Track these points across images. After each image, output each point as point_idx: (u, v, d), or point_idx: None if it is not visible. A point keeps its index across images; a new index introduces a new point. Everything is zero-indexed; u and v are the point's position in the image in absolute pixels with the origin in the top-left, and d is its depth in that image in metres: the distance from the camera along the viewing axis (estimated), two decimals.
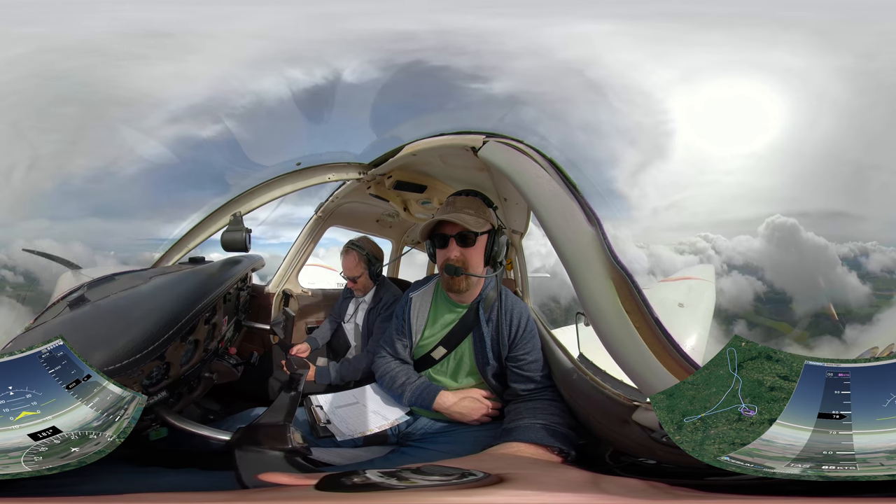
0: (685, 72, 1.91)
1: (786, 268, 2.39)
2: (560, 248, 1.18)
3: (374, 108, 1.96)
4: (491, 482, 0.84)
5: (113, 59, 1.83)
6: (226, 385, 2.05)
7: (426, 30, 1.90)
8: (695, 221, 2.17)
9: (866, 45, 1.86)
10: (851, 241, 2.26)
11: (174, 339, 1.31)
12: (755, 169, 2.03)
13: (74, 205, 1.74)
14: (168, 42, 1.92)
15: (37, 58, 1.77)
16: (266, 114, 1.90)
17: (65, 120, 1.77)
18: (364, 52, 1.90)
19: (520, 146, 1.42)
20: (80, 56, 1.81)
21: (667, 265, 1.95)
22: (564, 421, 1.38)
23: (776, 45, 1.89)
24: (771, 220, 2.30)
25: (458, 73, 1.84)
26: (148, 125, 1.84)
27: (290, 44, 1.93)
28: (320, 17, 1.92)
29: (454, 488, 0.82)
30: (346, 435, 1.48)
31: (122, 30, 1.88)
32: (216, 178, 1.93)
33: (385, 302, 2.43)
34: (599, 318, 1.08)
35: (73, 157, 1.75)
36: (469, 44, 1.87)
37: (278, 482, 0.93)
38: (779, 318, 2.26)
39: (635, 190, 1.89)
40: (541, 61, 1.83)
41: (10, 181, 1.65)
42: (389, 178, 2.35)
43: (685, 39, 1.88)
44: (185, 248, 1.89)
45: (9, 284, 1.55)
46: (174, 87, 1.88)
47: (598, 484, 0.91)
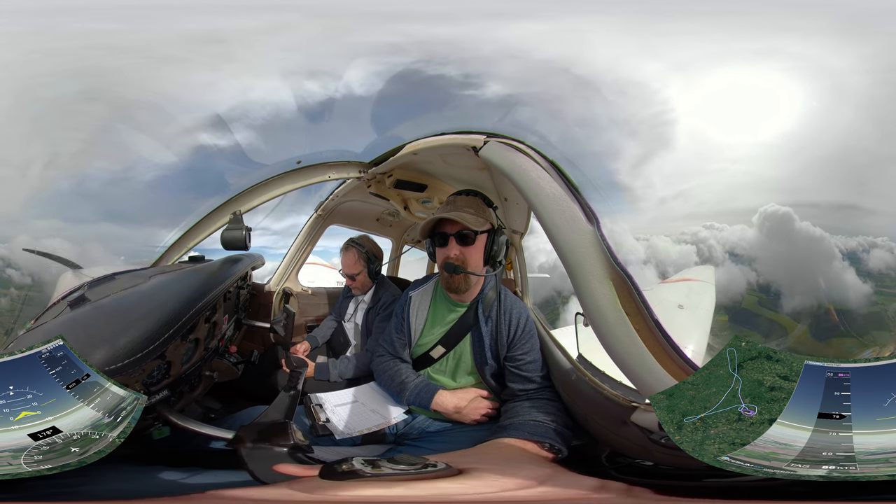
0: (690, 61, 1.90)
1: (781, 259, 2.38)
2: (560, 249, 1.17)
3: (375, 108, 1.96)
4: (449, 474, 0.89)
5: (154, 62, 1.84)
6: (226, 383, 2.06)
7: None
8: (701, 211, 2.17)
9: (888, 34, 1.84)
10: (861, 236, 2.25)
11: (175, 337, 1.31)
12: (763, 157, 2.02)
13: (89, 207, 1.75)
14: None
15: (81, 53, 1.77)
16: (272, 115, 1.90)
17: (87, 118, 1.77)
18: (363, 59, 1.90)
19: (520, 146, 1.42)
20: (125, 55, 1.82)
21: (663, 256, 1.94)
22: (560, 419, 1.39)
23: (789, 32, 1.87)
24: (767, 209, 2.29)
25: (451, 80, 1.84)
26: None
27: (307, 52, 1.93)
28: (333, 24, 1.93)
29: (413, 478, 0.87)
30: (344, 433, 1.48)
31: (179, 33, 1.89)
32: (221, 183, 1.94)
33: (384, 301, 2.43)
34: (599, 319, 1.08)
35: (92, 157, 1.75)
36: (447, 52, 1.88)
37: (292, 473, 0.95)
38: (774, 309, 2.25)
39: (639, 181, 1.88)
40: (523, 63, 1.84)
41: (26, 177, 1.65)
42: (390, 176, 2.35)
43: (686, 30, 1.88)
44: (185, 247, 1.89)
45: (13, 284, 1.56)
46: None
47: (553, 479, 0.94)
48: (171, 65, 1.85)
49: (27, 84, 1.72)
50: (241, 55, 1.85)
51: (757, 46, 1.79)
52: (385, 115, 1.96)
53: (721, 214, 2.15)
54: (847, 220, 2.06)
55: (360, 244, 2.49)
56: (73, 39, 1.80)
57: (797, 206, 2.11)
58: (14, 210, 1.64)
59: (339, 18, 1.97)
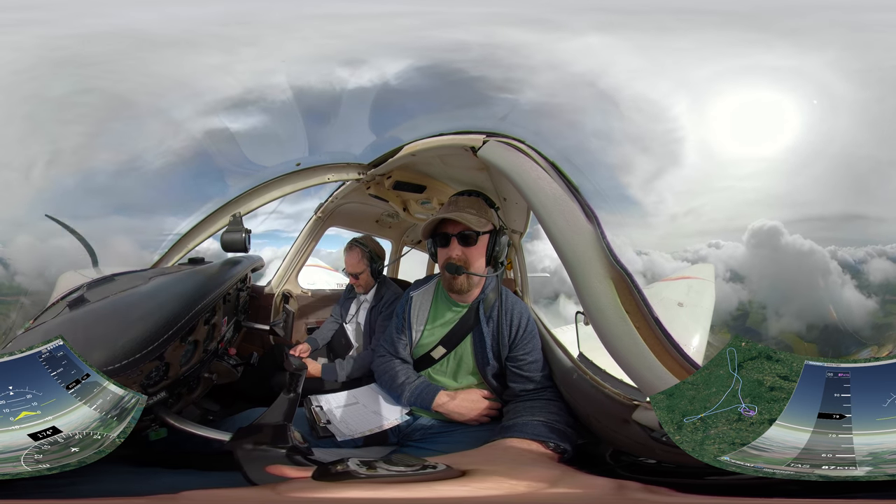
0: (687, 80, 1.91)
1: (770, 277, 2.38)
2: (560, 248, 1.18)
3: (376, 108, 1.96)
4: (451, 475, 0.87)
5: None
6: (225, 385, 2.05)
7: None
8: (711, 228, 2.16)
9: (859, 37, 1.85)
10: (870, 244, 2.23)
11: (174, 339, 1.31)
12: (768, 172, 2.02)
13: (97, 202, 1.74)
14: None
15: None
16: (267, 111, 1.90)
17: (86, 109, 1.76)
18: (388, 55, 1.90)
19: (520, 146, 1.42)
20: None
21: (658, 270, 1.94)
22: (562, 419, 1.38)
23: (768, 47, 1.89)
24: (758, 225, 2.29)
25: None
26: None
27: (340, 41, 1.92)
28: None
29: (411, 480, 0.85)
30: (346, 435, 1.48)
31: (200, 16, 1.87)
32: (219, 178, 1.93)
33: (386, 300, 2.45)
34: (599, 318, 1.08)
35: (96, 150, 1.74)
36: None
37: (285, 475, 0.94)
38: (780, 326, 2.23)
39: (651, 196, 1.88)
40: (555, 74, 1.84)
41: (28, 176, 1.64)
42: (389, 178, 2.35)
43: (682, 47, 1.89)
44: (185, 249, 1.89)
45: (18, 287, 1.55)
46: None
47: (564, 479, 0.93)
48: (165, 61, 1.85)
49: (20, 78, 1.72)
50: (244, 54, 1.85)
51: (755, 62, 1.81)
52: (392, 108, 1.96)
53: (729, 232, 2.19)
54: (855, 231, 2.07)
55: (363, 244, 2.53)
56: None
57: (805, 221, 2.12)
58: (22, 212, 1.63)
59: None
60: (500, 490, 0.84)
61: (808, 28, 1.94)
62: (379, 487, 0.83)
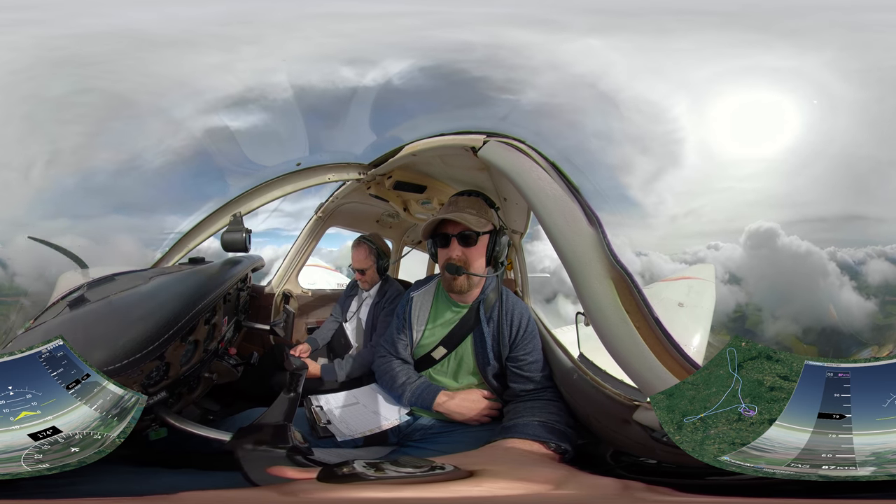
0: (687, 81, 1.91)
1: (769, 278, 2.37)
2: (560, 249, 1.18)
3: (377, 108, 1.96)
4: (460, 476, 0.87)
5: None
6: (226, 385, 2.05)
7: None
8: (711, 229, 2.16)
9: (859, 37, 1.85)
10: (870, 245, 2.23)
11: (174, 339, 1.31)
12: (768, 173, 2.02)
13: (97, 201, 1.74)
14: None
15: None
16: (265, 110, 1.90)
17: (85, 109, 1.76)
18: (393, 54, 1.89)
19: (520, 146, 1.42)
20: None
21: (656, 271, 1.94)
22: (562, 419, 1.38)
23: (768, 48, 1.89)
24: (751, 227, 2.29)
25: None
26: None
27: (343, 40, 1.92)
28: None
29: (421, 481, 0.85)
30: (346, 435, 1.47)
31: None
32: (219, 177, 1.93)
33: (389, 296, 2.47)
34: (599, 318, 1.08)
35: (95, 150, 1.74)
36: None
37: (286, 476, 0.94)
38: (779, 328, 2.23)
39: (651, 197, 1.88)
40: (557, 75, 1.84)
41: (28, 176, 1.64)
42: (389, 178, 2.35)
43: (679, 48, 1.89)
44: (185, 249, 1.89)
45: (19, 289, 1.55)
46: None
47: (571, 480, 0.93)
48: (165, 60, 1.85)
49: (19, 78, 1.72)
50: (245, 53, 1.85)
51: (756, 62, 1.81)
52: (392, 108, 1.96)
53: (728, 233, 2.17)
54: (855, 231, 2.06)
55: (371, 241, 2.56)
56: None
57: (805, 222, 2.11)
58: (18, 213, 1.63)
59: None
60: (512, 490, 0.84)
61: (808, 29, 1.95)
62: (392, 488, 0.83)
